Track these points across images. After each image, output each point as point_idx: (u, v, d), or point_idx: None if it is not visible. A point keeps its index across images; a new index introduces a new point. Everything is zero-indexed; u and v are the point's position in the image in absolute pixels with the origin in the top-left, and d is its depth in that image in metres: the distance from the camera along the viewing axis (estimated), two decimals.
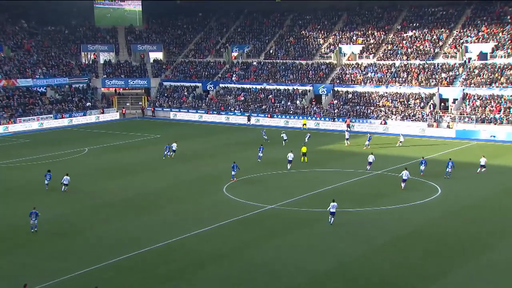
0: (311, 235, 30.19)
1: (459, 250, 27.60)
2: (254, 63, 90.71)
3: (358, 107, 75.27)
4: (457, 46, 75.92)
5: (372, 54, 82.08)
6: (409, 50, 79.44)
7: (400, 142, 57.60)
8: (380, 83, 77.11)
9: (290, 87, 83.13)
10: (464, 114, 67.05)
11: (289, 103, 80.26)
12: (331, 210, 31.14)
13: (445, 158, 50.63)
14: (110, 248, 28.56)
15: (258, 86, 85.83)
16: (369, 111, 73.66)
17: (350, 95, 78.13)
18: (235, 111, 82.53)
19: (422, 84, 73.71)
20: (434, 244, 28.47)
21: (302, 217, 33.49)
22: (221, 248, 28.52)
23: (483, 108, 66.51)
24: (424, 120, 68.90)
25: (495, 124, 63.87)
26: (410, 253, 27.33)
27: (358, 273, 25.11)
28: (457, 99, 69.96)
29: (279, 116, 78.32)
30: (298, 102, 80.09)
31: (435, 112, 69.57)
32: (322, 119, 75.70)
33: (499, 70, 69.71)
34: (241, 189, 40.20)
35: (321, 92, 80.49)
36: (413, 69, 76.37)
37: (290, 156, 46.28)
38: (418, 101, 72.11)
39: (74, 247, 28.82)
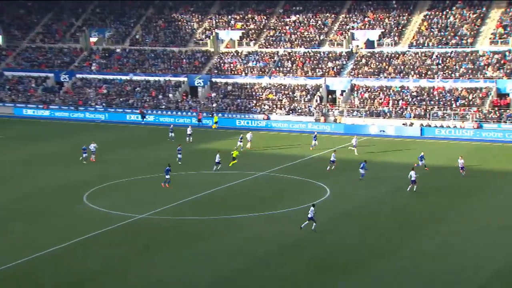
0: (188, 248, 30.05)
1: (348, 259, 28.36)
2: (118, 50, 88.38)
3: (239, 100, 76.34)
4: (343, 33, 79.91)
5: (253, 41, 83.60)
6: (293, 36, 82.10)
7: (354, 146, 54.36)
8: (263, 74, 78.74)
9: (161, 78, 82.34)
10: (352, 107, 70.81)
11: (160, 97, 79.41)
12: (309, 215, 31.28)
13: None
14: None
15: (123, 77, 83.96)
16: (251, 105, 75.06)
17: (229, 87, 78.98)
18: (96, 106, 79.79)
19: (308, 74, 76.50)
20: (322, 253, 29.11)
21: (178, 227, 33.45)
22: (87, 267, 27.28)
23: (372, 101, 70.72)
24: (311, 114, 71.61)
25: (384, 118, 68.19)
26: (296, 265, 27.63)
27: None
28: (345, 91, 73.66)
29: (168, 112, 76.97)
30: (171, 95, 79.52)
31: (322, 106, 72.59)
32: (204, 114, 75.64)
33: (387, 59, 74.59)
34: (105, 198, 39.12)
35: (197, 84, 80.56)
36: (298, 58, 78.97)
37: (217, 158, 46.36)
38: (304, 93, 74.71)
39: None
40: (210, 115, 74.62)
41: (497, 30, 71.90)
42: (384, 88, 71.70)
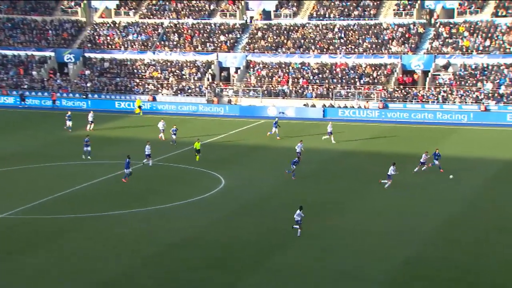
0: (57, 252, 28.80)
1: (245, 257, 28.27)
2: None
3: (118, 79, 73.36)
4: (236, 2, 78.48)
5: (133, 10, 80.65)
6: (179, 5, 79.80)
7: (329, 133, 51.30)
8: (145, 48, 76.11)
9: (22, 53, 77.85)
10: (248, 87, 69.76)
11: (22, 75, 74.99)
12: (296, 218, 30.44)
13: (228, 141, 51.85)
14: None
15: None
16: (132, 84, 72.42)
17: (106, 64, 75.88)
18: None
19: (197, 49, 74.59)
20: (217, 251, 28.83)
21: (47, 227, 32.16)
22: None
23: (270, 79, 69.98)
24: (202, 94, 69.90)
25: (283, 98, 67.68)
26: (187, 264, 27.25)
27: None
28: (239, 68, 72.43)
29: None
30: (34, 73, 75.12)
31: (214, 85, 71.03)
32: (71, 95, 72.24)
33: (285, 32, 74.01)
34: None
35: (67, 59, 77.01)
36: (186, 30, 76.87)
37: (147, 149, 43.75)
38: (193, 71, 72.77)
39: None
40: (84, 96, 71.11)
41: (401, 1, 73.28)
42: (283, 65, 71.12)
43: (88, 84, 73.34)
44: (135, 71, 74.46)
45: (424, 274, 25.54)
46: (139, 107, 66.97)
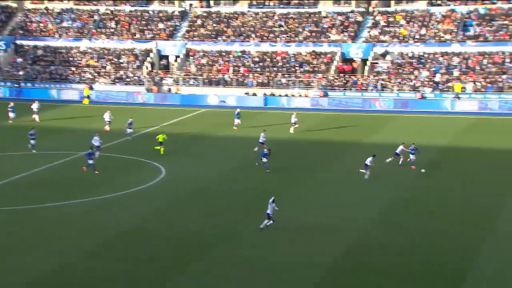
0: None
1: (188, 246, 28.55)
2: None
3: (52, 67, 72.93)
4: None
5: None
6: None
7: (293, 123, 52.13)
8: (81, 36, 75.91)
9: None
10: (189, 75, 70.73)
11: None
12: (268, 211, 30.01)
13: (168, 131, 52.00)
14: None
15: None
16: (67, 73, 72.26)
17: (40, 51, 75.37)
18: None
19: (135, 37, 74.92)
20: (160, 241, 29.16)
21: None
22: None
23: (210, 67, 71.18)
24: (141, 83, 70.46)
25: (224, 86, 69.04)
26: (130, 254, 27.62)
27: None
28: (179, 56, 73.24)
29: None
30: None
31: (154, 73, 71.65)
32: (2, 83, 71.50)
33: (225, 20, 75.25)
34: None
35: None
36: (123, 17, 76.98)
37: (96, 140, 43.74)
38: (132, 59, 73.15)
39: None
40: (16, 85, 70.54)
41: None
42: (223, 53, 72.40)
43: (21, 73, 72.72)
44: (71, 59, 74.25)
45: (366, 261, 26.57)
46: (87, 96, 67.12)
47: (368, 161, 38.58)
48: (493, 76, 63.00)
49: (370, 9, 73.60)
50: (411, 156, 40.59)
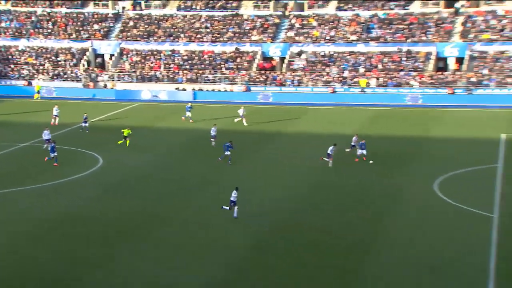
0: None
1: (124, 230, 29.03)
2: None
3: None
4: None
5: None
6: None
7: (241, 116, 52.71)
8: (20, 35, 75.01)
9: None
10: (123, 72, 71.36)
11: None
12: (232, 199, 30.02)
13: (105, 123, 52.77)
14: None
15: None
16: (7, 70, 71.54)
17: None
18: None
19: (72, 37, 74.70)
20: (97, 226, 29.63)
21: None
22: None
23: (143, 65, 72.05)
24: (79, 79, 70.54)
25: (156, 82, 70.14)
26: (68, 240, 28.05)
27: None
28: (114, 55, 73.67)
29: None
30: None
31: (90, 70, 71.82)
32: None
33: (156, 21, 76.18)
34: None
35: None
36: (60, 19, 76.51)
37: (46, 134, 42.65)
38: (69, 57, 72.97)
39: None
40: None
41: None
42: (155, 52, 73.34)
43: None
44: (10, 57, 73.28)
45: (287, 238, 27.94)
46: (38, 91, 66.55)
47: (330, 150, 39.16)
48: (393, 73, 66.75)
49: (287, 13, 76.01)
50: (360, 151, 40.46)
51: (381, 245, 27.58)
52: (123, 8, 78.23)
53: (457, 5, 71.27)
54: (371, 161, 39.96)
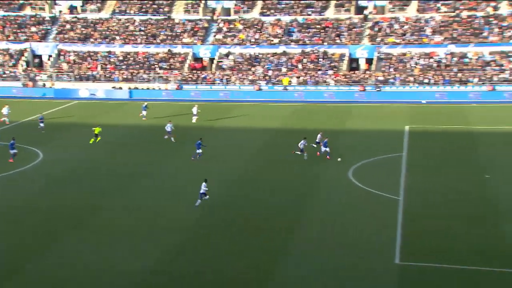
0: None
1: (67, 219, 29.46)
2: None
3: None
4: None
5: None
6: None
7: (194, 114, 52.20)
8: None
9: None
10: (61, 72, 70.02)
11: None
12: (201, 191, 30.27)
13: (45, 120, 51.14)
14: None
15: None
16: None
17: None
18: None
19: (10, 38, 72.61)
20: (40, 215, 29.89)
21: None
22: None
23: (80, 65, 70.92)
24: (18, 79, 68.74)
25: (93, 81, 69.23)
26: (13, 230, 28.30)
27: None
28: (52, 56, 72.09)
29: None
30: None
31: (29, 70, 70.09)
32: None
33: (92, 25, 75.01)
34: None
35: None
36: None
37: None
38: (8, 57, 70.94)
39: None
40: None
41: (188, 0, 77.78)
42: (92, 53, 72.33)
43: None
44: None
45: (220, 222, 29.34)
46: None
47: (301, 144, 39.38)
48: (311, 72, 68.71)
49: (215, 17, 76.52)
50: (324, 148, 39.86)
51: (302, 225, 28.91)
52: (60, 12, 76.55)
53: (365, 12, 74.08)
54: (339, 159, 39.26)
